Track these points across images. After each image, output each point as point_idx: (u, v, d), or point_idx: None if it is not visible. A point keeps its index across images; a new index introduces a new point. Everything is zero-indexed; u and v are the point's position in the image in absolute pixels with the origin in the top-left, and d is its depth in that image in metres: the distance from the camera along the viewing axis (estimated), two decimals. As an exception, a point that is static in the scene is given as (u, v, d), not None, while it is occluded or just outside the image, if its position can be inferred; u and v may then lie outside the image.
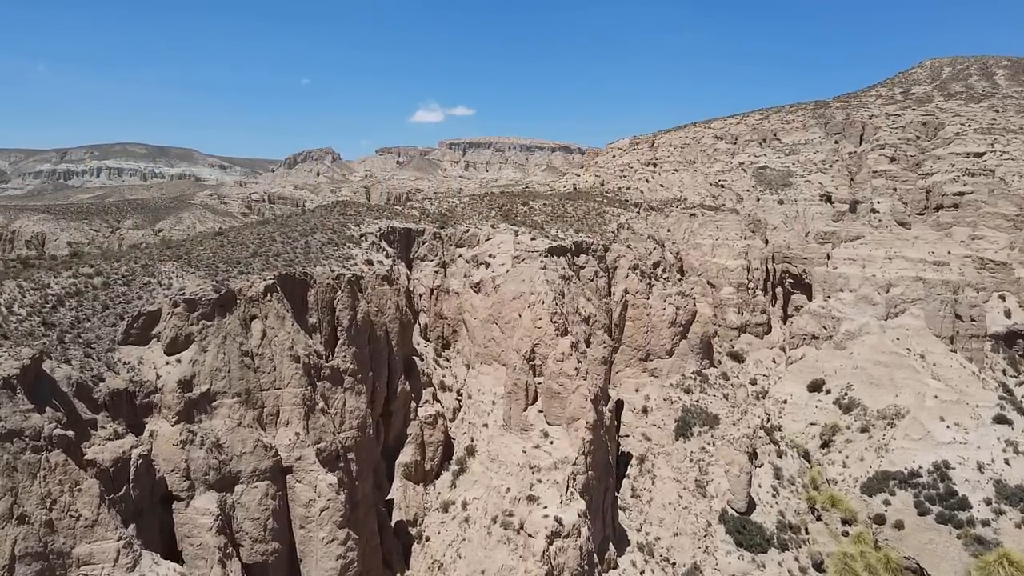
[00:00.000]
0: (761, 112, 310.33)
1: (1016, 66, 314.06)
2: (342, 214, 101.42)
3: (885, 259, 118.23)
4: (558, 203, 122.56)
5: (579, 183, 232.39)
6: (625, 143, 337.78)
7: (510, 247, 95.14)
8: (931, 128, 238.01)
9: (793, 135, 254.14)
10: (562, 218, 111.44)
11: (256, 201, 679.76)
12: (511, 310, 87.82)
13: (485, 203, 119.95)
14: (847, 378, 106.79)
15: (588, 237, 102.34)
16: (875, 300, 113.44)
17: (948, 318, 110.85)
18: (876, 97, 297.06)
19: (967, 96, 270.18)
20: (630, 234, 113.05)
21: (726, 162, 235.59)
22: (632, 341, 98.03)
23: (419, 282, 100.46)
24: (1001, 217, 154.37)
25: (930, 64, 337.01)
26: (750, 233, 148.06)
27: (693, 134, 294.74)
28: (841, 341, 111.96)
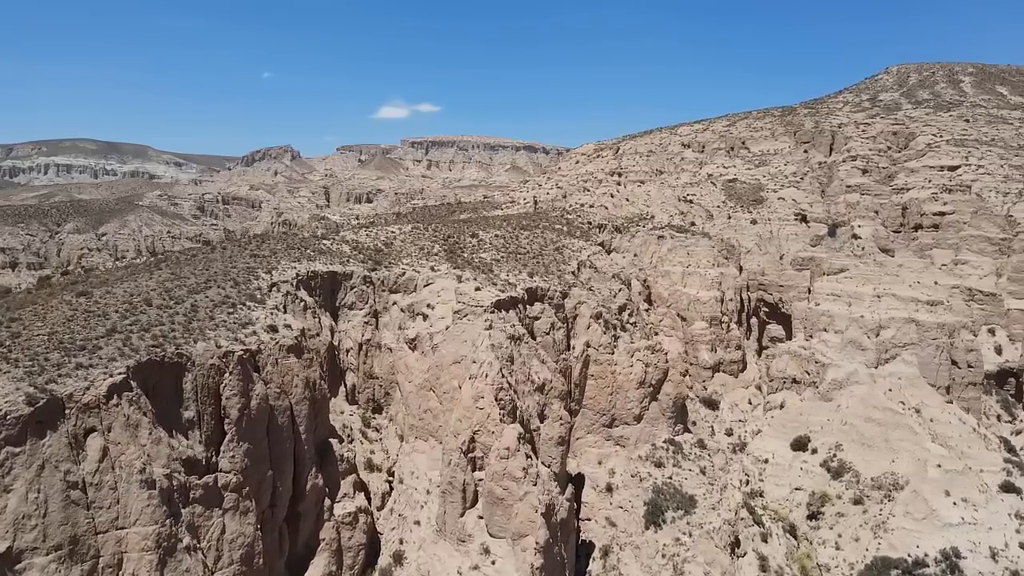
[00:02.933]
0: (728, 118, 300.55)
1: (982, 73, 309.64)
2: (254, 255, 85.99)
3: (874, 297, 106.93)
4: (512, 234, 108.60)
5: (540, 194, 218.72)
6: (589, 148, 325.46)
7: (452, 296, 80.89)
8: (902, 138, 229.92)
9: (762, 144, 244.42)
10: (515, 255, 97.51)
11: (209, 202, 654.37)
12: (450, 376, 73.67)
13: (428, 235, 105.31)
14: (835, 435, 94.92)
15: (544, 281, 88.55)
16: (864, 345, 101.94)
17: (944, 365, 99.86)
18: (844, 104, 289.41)
19: (935, 104, 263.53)
20: (592, 273, 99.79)
21: (694, 173, 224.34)
22: (595, 404, 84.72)
23: (346, 335, 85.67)
24: (985, 240, 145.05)
25: (896, 70, 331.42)
26: (723, 259, 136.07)
27: (659, 140, 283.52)
28: (827, 391, 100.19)
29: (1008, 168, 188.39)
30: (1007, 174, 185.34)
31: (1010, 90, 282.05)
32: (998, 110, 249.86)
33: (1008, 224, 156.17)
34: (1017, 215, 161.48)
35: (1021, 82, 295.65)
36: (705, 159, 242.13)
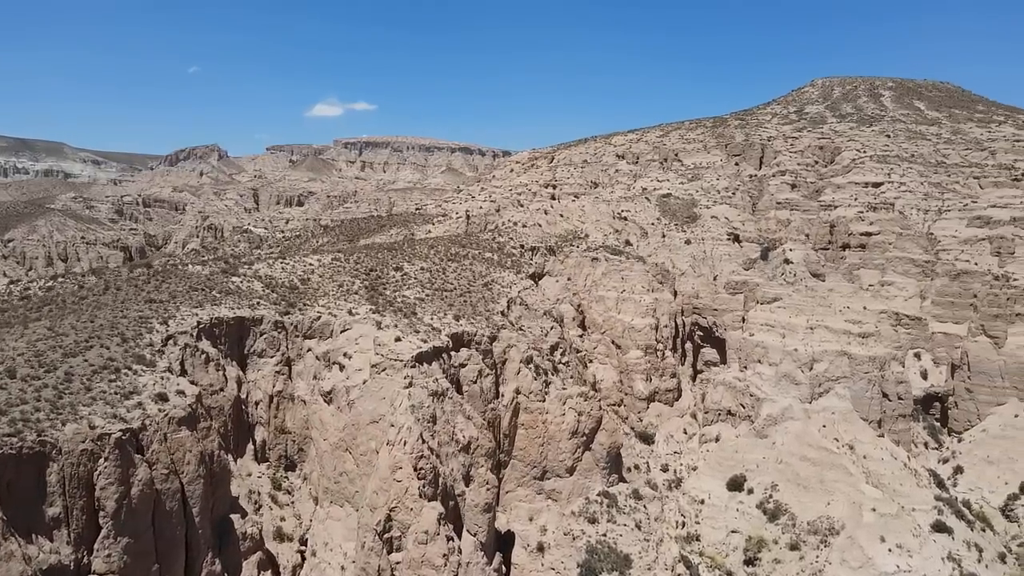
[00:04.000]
0: (661, 128, 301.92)
1: (901, 88, 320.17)
2: (150, 300, 77.82)
3: (807, 329, 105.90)
4: (439, 266, 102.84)
5: (473, 208, 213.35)
6: (524, 157, 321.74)
7: (371, 345, 74.84)
8: (828, 152, 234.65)
9: (695, 156, 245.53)
10: (442, 293, 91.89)
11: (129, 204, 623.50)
12: (368, 437, 67.76)
13: (349, 268, 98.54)
14: (771, 475, 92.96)
15: (471, 324, 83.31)
16: (798, 379, 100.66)
17: (876, 399, 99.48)
18: (772, 116, 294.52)
19: (858, 118, 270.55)
20: (523, 311, 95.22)
21: (628, 186, 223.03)
22: (525, 455, 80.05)
23: (255, 386, 78.53)
24: (910, 262, 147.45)
25: (821, 83, 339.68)
26: (658, 284, 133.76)
27: (594, 150, 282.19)
28: (763, 428, 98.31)
29: (928, 186, 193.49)
30: (927, 191, 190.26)
31: (927, 105, 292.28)
32: (916, 125, 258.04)
33: (929, 243, 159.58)
34: (938, 233, 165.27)
35: (937, 97, 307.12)
36: (639, 171, 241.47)
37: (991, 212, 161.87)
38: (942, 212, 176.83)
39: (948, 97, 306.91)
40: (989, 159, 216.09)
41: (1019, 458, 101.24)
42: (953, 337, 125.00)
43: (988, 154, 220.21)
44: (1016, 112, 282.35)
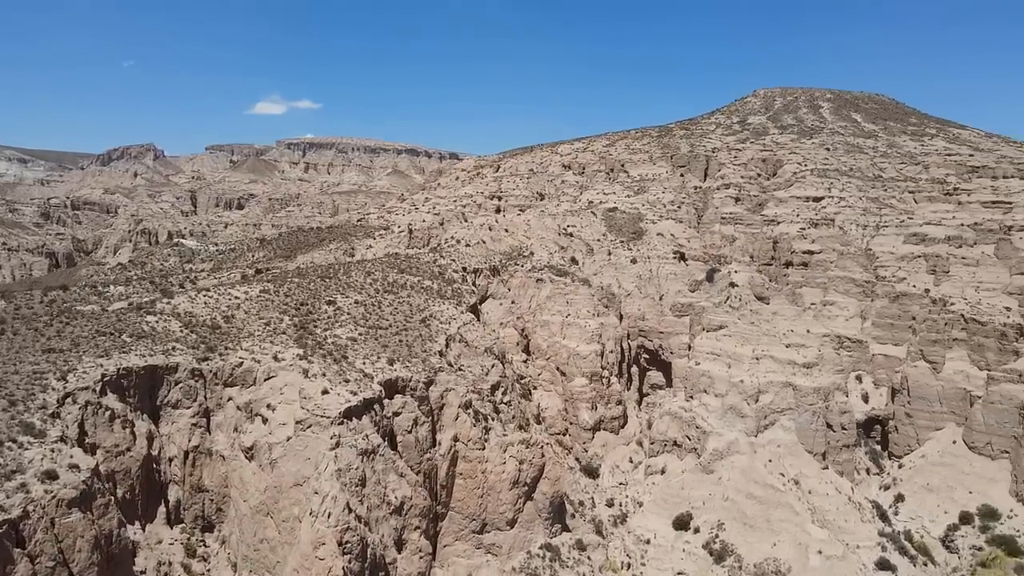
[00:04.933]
0: (607, 137, 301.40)
1: (839, 99, 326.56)
2: (49, 349, 70.78)
3: (753, 359, 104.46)
4: (374, 299, 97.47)
5: (416, 220, 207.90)
6: (470, 164, 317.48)
7: (296, 395, 69.55)
8: (770, 165, 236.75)
9: (641, 167, 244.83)
10: (376, 331, 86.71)
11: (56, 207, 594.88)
12: (290, 502, 62.63)
13: (278, 302, 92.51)
14: (717, 512, 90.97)
15: (406, 367, 78.58)
16: (744, 412, 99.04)
17: (820, 431, 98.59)
18: (716, 126, 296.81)
19: (799, 130, 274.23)
20: (463, 349, 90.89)
21: (575, 198, 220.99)
22: (464, 507, 75.85)
23: (169, 440, 72.29)
24: (850, 282, 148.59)
25: (763, 94, 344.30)
26: (603, 308, 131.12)
27: (540, 159, 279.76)
28: (709, 463, 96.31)
29: (866, 201, 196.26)
30: (865, 207, 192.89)
31: (864, 117, 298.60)
32: (854, 138, 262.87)
33: (868, 260, 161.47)
34: (876, 249, 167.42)
35: (873, 109, 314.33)
36: (586, 182, 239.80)
37: (926, 229, 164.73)
38: (880, 228, 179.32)
39: (883, 110, 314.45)
40: (923, 173, 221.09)
41: (957, 486, 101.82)
42: (893, 359, 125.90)
43: (922, 168, 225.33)
44: (946, 125, 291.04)
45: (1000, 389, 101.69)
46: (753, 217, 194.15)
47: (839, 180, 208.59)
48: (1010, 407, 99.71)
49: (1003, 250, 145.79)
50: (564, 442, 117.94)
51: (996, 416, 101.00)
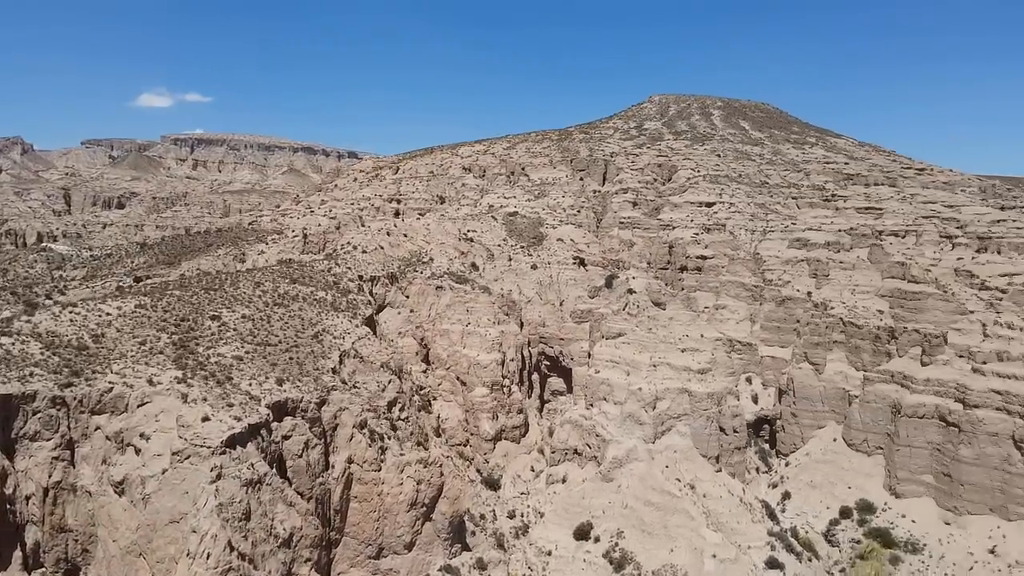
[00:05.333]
0: (508, 139, 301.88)
1: (728, 107, 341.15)
2: None
3: (650, 367, 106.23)
4: (264, 312, 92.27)
5: (312, 224, 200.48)
6: (368, 165, 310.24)
7: (173, 423, 64.39)
8: (666, 170, 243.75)
9: (541, 171, 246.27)
10: (265, 348, 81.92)
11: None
12: (166, 541, 57.78)
13: (155, 319, 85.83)
14: (617, 521, 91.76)
15: (297, 387, 74.54)
16: (642, 419, 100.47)
17: (714, 435, 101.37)
18: (614, 130, 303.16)
19: (692, 136, 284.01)
20: (358, 365, 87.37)
21: (475, 202, 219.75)
22: (359, 532, 72.73)
23: (26, 476, 65.37)
24: (740, 286, 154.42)
25: (658, 100, 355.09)
26: (504, 316, 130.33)
27: (440, 161, 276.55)
28: (609, 471, 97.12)
29: (754, 206, 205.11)
30: (753, 212, 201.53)
31: (751, 125, 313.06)
32: (743, 145, 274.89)
33: (756, 264, 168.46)
34: (763, 253, 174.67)
35: (759, 118, 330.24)
36: (486, 186, 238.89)
37: (808, 234, 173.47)
38: (767, 233, 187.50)
39: (768, 118, 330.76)
40: (805, 180, 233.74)
41: (838, 482, 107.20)
42: (780, 361, 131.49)
43: (804, 175, 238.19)
44: (825, 134, 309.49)
45: (875, 389, 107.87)
46: (650, 221, 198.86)
47: (729, 186, 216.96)
48: (883, 406, 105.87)
49: (875, 255, 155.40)
50: (465, 453, 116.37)
51: (871, 414, 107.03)
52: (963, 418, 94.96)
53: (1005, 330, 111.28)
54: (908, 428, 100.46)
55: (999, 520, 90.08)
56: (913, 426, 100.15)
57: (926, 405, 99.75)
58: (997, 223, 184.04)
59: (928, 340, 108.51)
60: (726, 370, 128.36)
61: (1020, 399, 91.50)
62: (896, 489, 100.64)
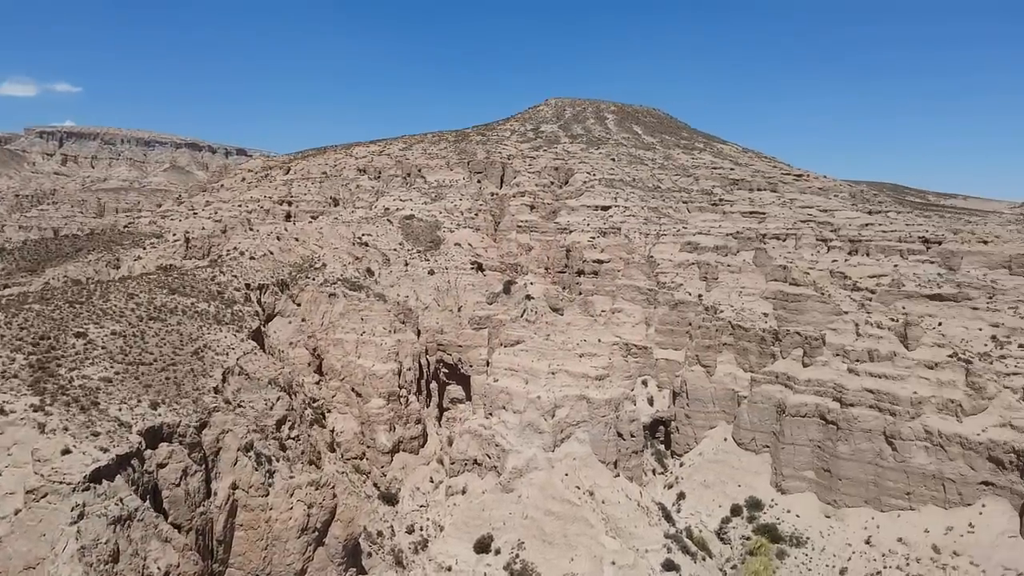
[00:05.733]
0: (404, 140, 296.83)
1: (622, 112, 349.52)
2: None
3: (549, 374, 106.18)
4: (137, 328, 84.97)
5: (195, 227, 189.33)
6: (257, 165, 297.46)
7: (28, 458, 57.79)
8: (562, 173, 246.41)
9: (438, 173, 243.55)
10: (138, 367, 75.39)
11: None
12: (20, 592, 51.56)
13: (11, 336, 77.00)
14: (518, 531, 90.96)
15: (174, 411, 68.88)
16: (542, 427, 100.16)
17: (612, 441, 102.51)
18: (511, 132, 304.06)
19: (587, 140, 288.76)
20: (243, 382, 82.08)
21: (370, 205, 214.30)
22: (245, 562, 68.10)
23: None
24: (635, 289, 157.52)
25: (555, 103, 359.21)
26: (400, 324, 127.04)
27: (334, 161, 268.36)
28: (509, 481, 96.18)
29: (647, 211, 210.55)
30: (647, 216, 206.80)
31: (643, 130, 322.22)
32: (636, 149, 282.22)
33: (651, 267, 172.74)
34: (657, 256, 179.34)
35: (651, 123, 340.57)
36: (382, 188, 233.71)
37: (698, 238, 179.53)
38: (660, 236, 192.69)
39: (660, 123, 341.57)
40: (694, 185, 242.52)
41: (729, 481, 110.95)
42: (674, 363, 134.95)
43: (693, 180, 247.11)
44: (712, 140, 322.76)
45: (761, 390, 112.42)
46: (548, 225, 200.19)
47: (624, 190, 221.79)
48: (769, 406, 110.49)
49: (760, 258, 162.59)
50: (361, 467, 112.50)
51: (758, 414, 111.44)
52: (840, 416, 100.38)
53: (875, 329, 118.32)
54: (792, 427, 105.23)
55: (874, 511, 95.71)
56: (796, 425, 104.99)
57: (807, 404, 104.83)
58: (866, 227, 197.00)
59: (808, 342, 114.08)
60: (623, 374, 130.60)
61: (890, 397, 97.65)
62: (782, 485, 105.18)
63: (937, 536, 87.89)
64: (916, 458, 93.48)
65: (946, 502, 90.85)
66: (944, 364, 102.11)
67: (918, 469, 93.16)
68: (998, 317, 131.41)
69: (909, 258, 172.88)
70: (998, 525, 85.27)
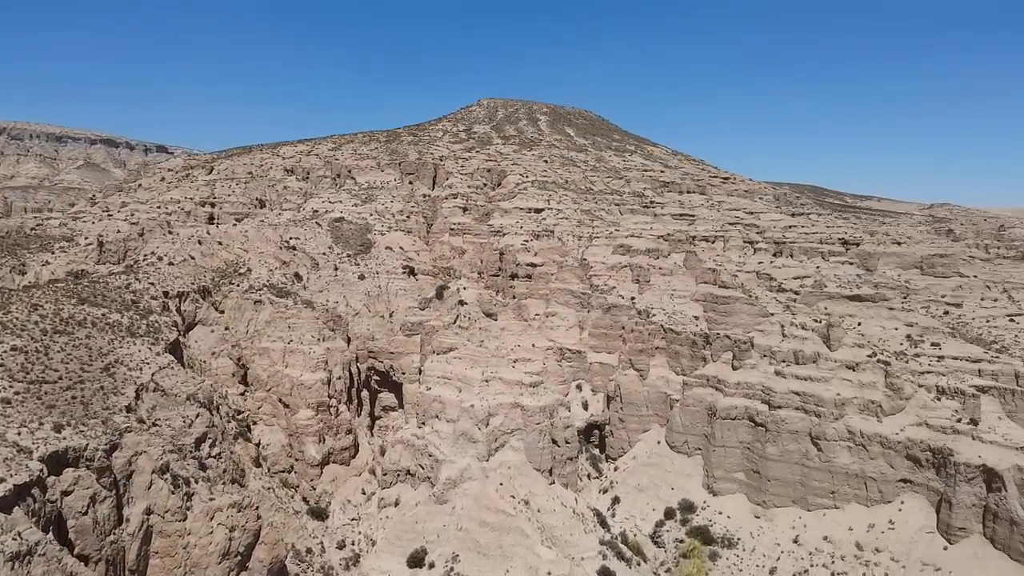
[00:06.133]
0: (334, 140, 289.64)
1: (554, 113, 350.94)
2: None
3: (483, 382, 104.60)
4: (41, 342, 78.94)
5: (110, 230, 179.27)
6: (177, 164, 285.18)
7: (-90, 492, 52.49)
8: (495, 175, 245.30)
9: (369, 174, 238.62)
10: (40, 386, 69.93)
11: None
12: (-101, 644, 46.69)
13: None
14: (452, 544, 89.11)
15: (81, 433, 64.01)
16: (475, 437, 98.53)
17: (547, 448, 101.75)
18: (443, 133, 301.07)
19: (520, 141, 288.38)
20: (159, 399, 77.42)
21: (299, 207, 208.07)
22: (161, 593, 64.11)
23: None
24: (569, 293, 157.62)
25: (487, 103, 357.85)
26: (329, 332, 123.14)
27: (260, 161, 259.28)
28: (443, 492, 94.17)
29: (580, 213, 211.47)
30: (580, 219, 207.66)
31: (576, 132, 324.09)
32: (569, 151, 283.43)
33: (584, 270, 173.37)
34: (590, 259, 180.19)
35: (583, 125, 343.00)
36: (310, 189, 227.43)
37: (630, 241, 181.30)
38: (593, 239, 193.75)
39: (592, 125, 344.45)
40: (626, 187, 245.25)
41: (662, 484, 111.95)
42: (608, 367, 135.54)
43: (625, 182, 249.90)
44: (642, 143, 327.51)
45: (693, 393, 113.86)
46: (481, 227, 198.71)
47: (557, 192, 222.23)
48: (700, 409, 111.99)
49: (690, 261, 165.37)
50: (289, 481, 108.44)
51: (690, 417, 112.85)
52: (769, 418, 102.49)
53: (800, 331, 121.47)
54: (722, 429, 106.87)
55: (801, 511, 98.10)
56: (727, 427, 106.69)
57: (737, 407, 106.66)
58: (789, 228, 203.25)
59: (738, 345, 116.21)
60: (557, 379, 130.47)
61: (815, 399, 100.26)
62: (713, 487, 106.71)
63: (860, 534, 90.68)
64: (840, 458, 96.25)
65: (868, 500, 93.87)
66: (865, 365, 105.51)
67: (842, 468, 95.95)
68: (912, 317, 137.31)
69: (830, 259, 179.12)
70: (916, 521, 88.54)
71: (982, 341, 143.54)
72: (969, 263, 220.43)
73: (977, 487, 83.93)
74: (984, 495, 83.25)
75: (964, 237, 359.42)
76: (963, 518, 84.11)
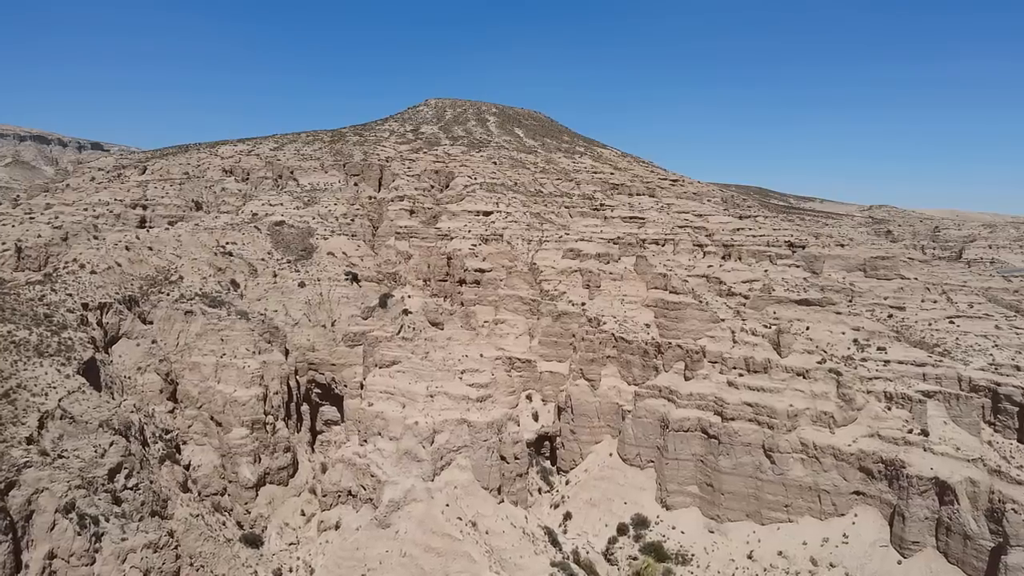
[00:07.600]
0: (275, 139, 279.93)
1: (503, 114, 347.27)
2: None
3: (427, 397, 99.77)
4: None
5: (30, 235, 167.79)
6: (108, 163, 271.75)
7: None
8: (443, 176, 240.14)
9: (312, 176, 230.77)
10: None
11: None
12: None
13: None
14: (395, 572, 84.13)
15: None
16: (420, 455, 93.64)
17: (495, 465, 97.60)
18: (390, 133, 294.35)
19: (468, 142, 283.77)
20: (67, 427, 70.34)
21: (237, 209, 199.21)
22: (65, 648, 57.78)
23: None
24: (518, 300, 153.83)
25: (435, 103, 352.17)
26: (266, 344, 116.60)
27: (197, 161, 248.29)
28: (385, 516, 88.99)
29: (530, 216, 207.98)
30: (529, 222, 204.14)
31: (525, 133, 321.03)
32: (518, 153, 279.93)
33: (533, 274, 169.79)
34: (539, 263, 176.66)
35: (533, 126, 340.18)
36: (250, 191, 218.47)
37: (580, 245, 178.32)
38: (542, 243, 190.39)
39: (541, 127, 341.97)
40: (576, 189, 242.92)
41: (615, 498, 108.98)
42: (559, 376, 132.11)
43: (575, 184, 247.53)
44: (592, 144, 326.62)
45: (645, 404, 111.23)
46: (428, 231, 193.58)
47: (506, 195, 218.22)
48: (653, 420, 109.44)
49: (641, 265, 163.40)
50: (222, 504, 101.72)
51: (643, 429, 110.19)
52: (722, 430, 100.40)
53: (750, 336, 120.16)
54: (675, 441, 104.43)
55: (755, 525, 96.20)
56: (680, 439, 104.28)
57: (690, 419, 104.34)
58: (737, 231, 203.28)
59: (690, 355, 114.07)
60: (507, 390, 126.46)
61: (768, 410, 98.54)
62: (667, 501, 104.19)
63: (814, 548, 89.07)
64: (793, 470, 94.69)
65: (822, 513, 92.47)
66: (815, 372, 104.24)
67: (795, 481, 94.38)
68: (858, 320, 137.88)
69: (778, 263, 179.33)
70: (869, 535, 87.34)
71: (925, 344, 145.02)
72: (908, 265, 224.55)
73: (930, 500, 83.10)
74: (937, 508, 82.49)
75: (902, 238, 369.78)
76: (916, 531, 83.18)
